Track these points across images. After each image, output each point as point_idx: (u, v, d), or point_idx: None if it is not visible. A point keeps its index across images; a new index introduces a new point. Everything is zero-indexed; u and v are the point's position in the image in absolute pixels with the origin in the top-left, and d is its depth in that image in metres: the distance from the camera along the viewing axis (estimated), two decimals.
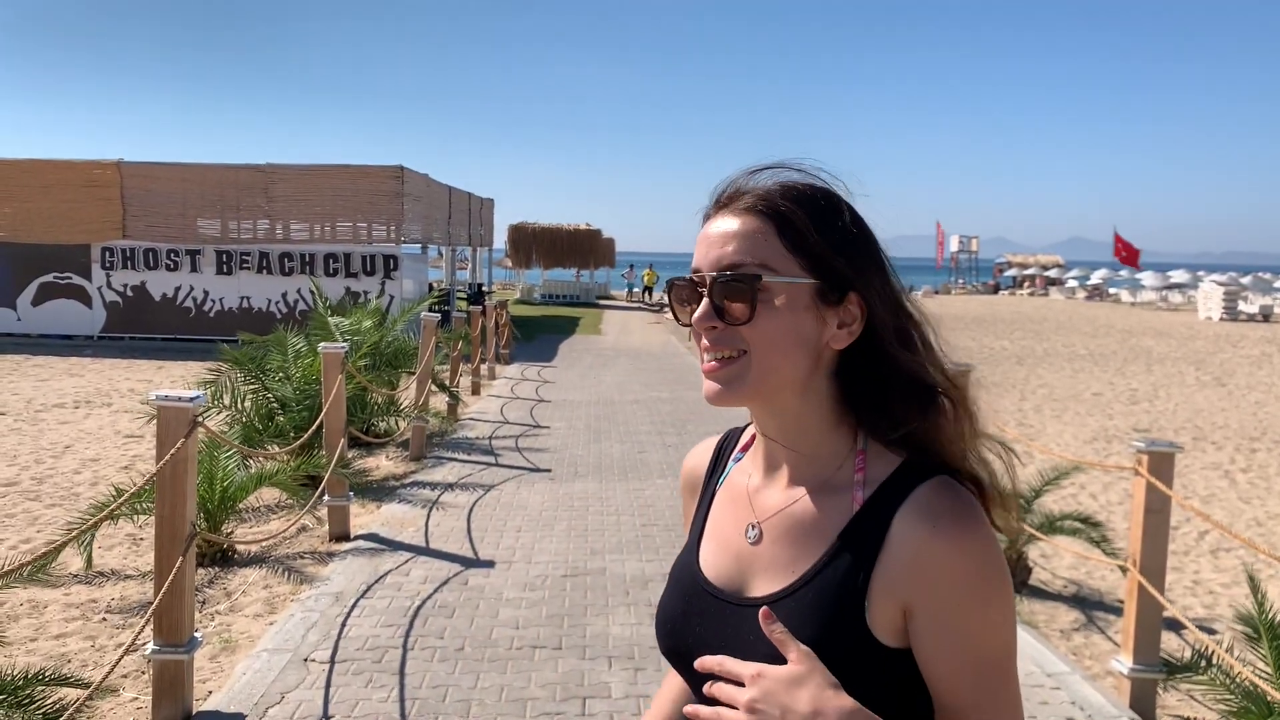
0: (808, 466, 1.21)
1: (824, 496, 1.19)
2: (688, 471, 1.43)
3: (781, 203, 1.18)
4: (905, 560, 1.10)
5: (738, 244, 1.17)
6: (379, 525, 7.19)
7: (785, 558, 1.18)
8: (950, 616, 1.09)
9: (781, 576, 1.17)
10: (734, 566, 1.23)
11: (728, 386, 1.17)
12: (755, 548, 1.22)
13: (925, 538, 1.10)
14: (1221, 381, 18.55)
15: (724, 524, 1.28)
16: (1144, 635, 4.46)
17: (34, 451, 9.80)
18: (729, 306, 1.15)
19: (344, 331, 10.44)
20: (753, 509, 1.25)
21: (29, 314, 21.36)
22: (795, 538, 1.19)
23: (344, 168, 21.21)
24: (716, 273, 1.16)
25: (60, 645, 5.07)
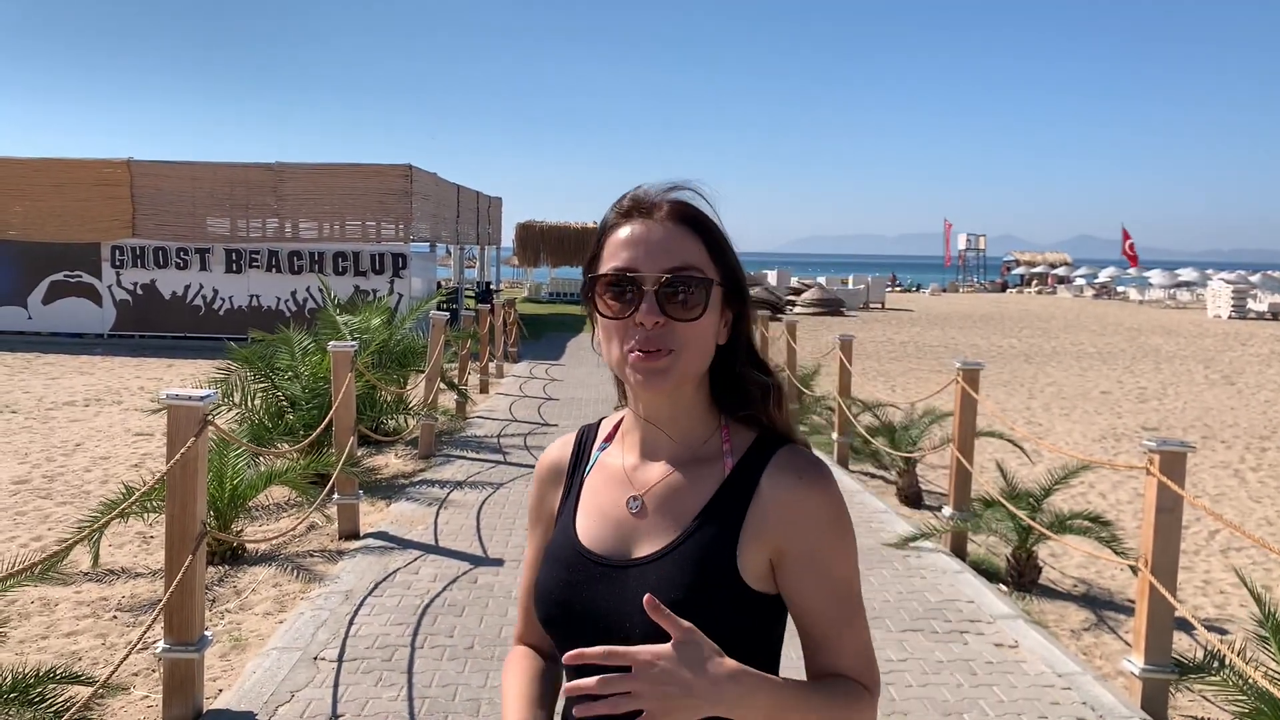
0: (682, 444, 1.40)
1: (697, 467, 1.39)
2: (550, 464, 1.55)
3: (704, 218, 1.38)
4: (775, 509, 1.33)
5: (683, 251, 1.34)
6: (388, 523, 7.20)
7: (666, 521, 1.36)
8: (816, 553, 1.32)
9: (664, 536, 1.35)
10: (615, 535, 1.39)
11: (664, 376, 1.32)
12: (637, 517, 1.38)
13: (792, 488, 1.33)
14: (1231, 380, 18.48)
15: (601, 501, 1.43)
16: (1155, 635, 4.45)
17: (45, 449, 9.84)
18: (681, 306, 1.31)
19: (353, 330, 10.45)
20: (632, 484, 1.41)
21: (39, 312, 21.43)
22: (674, 503, 1.37)
23: (353, 166, 21.24)
24: (673, 275, 1.31)
25: (71, 643, 5.09)
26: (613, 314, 1.34)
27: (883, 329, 29.92)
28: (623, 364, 1.34)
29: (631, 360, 1.32)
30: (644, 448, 1.43)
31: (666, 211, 1.36)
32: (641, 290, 1.31)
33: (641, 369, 1.32)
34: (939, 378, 17.41)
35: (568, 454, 1.53)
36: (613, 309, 1.34)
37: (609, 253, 1.36)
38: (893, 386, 16.63)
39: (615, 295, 1.33)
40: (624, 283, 1.33)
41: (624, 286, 1.33)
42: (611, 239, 1.37)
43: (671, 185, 1.40)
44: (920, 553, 6.67)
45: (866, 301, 41.43)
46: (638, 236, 1.34)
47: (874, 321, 33.22)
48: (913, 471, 8.71)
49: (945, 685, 4.58)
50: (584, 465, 1.50)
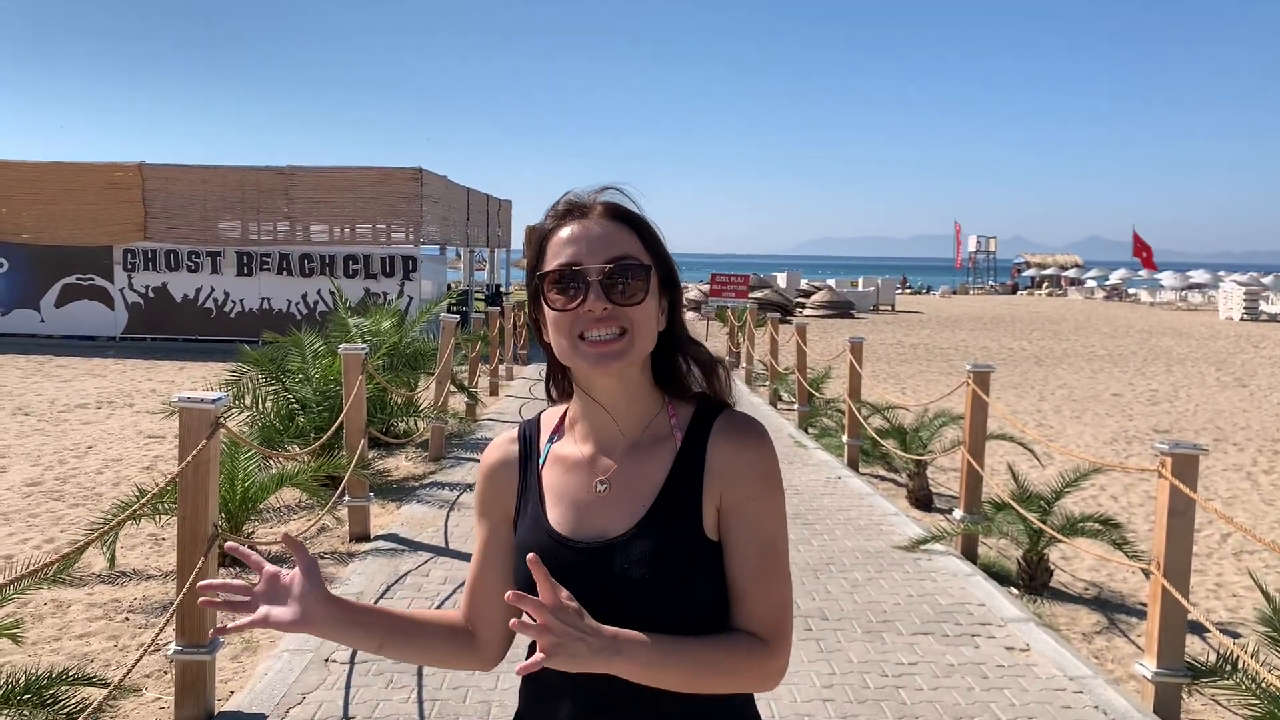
0: (634, 425, 1.52)
1: (651, 445, 1.51)
2: (498, 461, 1.62)
3: (634, 214, 1.51)
4: (721, 465, 1.47)
5: (621, 243, 1.46)
6: (399, 525, 7.21)
7: (634, 498, 1.48)
8: (750, 501, 1.46)
9: (634, 512, 1.47)
10: (588, 518, 1.49)
11: (620, 356, 1.43)
12: (605, 499, 1.49)
13: (735, 446, 1.48)
14: (1243, 382, 18.41)
15: (567, 489, 1.53)
16: (1168, 639, 4.43)
17: (57, 451, 9.88)
18: (625, 292, 1.43)
19: (364, 333, 10.48)
20: (595, 469, 1.52)
21: (52, 315, 21.52)
22: (637, 481, 1.49)
23: (363, 170, 21.28)
24: (614, 265, 1.43)
25: (84, 645, 5.11)
26: (561, 306, 1.44)
27: (893, 331, 29.87)
28: (573, 352, 1.45)
29: (585, 347, 1.43)
30: (598, 434, 1.53)
31: (601, 210, 1.49)
32: (587, 281, 1.43)
33: (597, 351, 1.43)
34: (949, 380, 17.38)
35: (515, 450, 1.62)
36: (561, 301, 1.45)
37: (552, 253, 1.47)
38: (903, 389, 16.61)
39: (561, 289, 1.44)
40: (569, 276, 1.43)
41: (570, 279, 1.44)
42: (553, 240, 1.48)
43: (601, 187, 1.53)
44: (931, 555, 6.66)
45: (876, 304, 41.40)
46: (577, 234, 1.46)
47: (884, 324, 33.18)
48: (923, 474, 8.69)
49: (956, 689, 4.57)
50: (535, 459, 1.59)
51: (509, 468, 1.60)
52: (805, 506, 7.95)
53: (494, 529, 1.61)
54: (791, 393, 13.91)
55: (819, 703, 4.39)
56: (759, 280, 35.20)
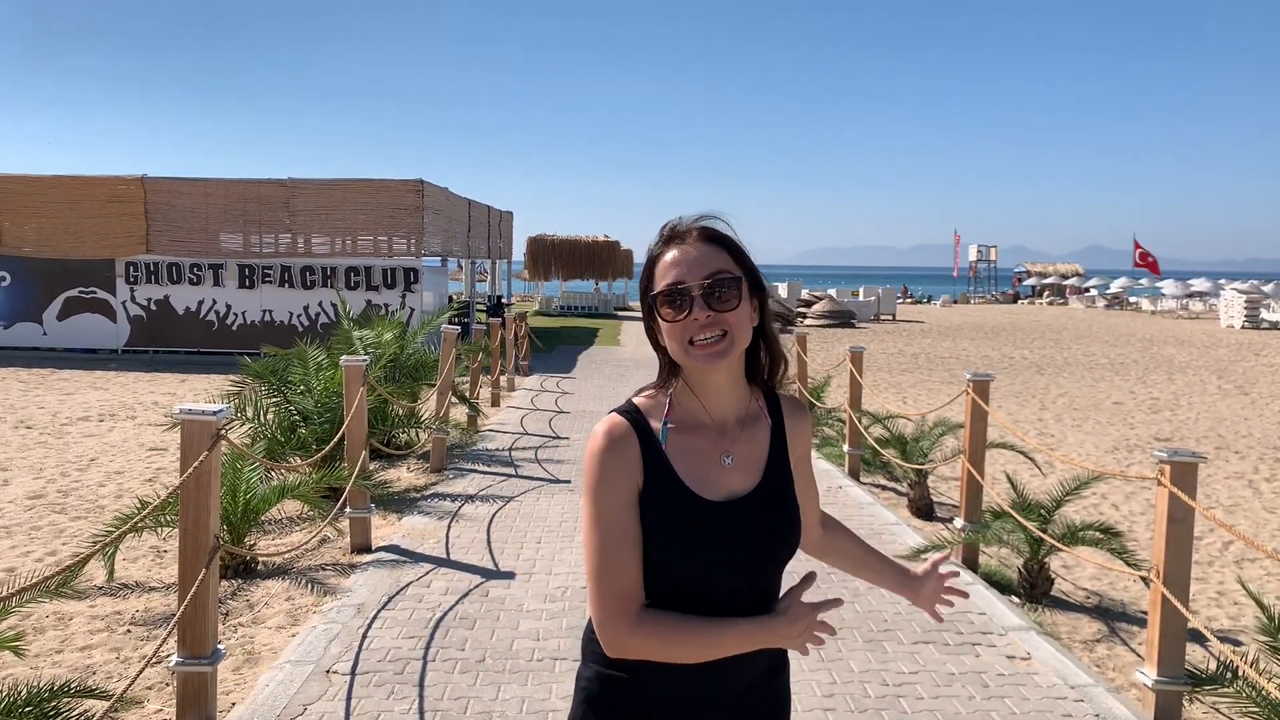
0: (739, 408, 1.89)
1: (752, 424, 1.91)
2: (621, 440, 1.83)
3: (725, 235, 1.83)
4: (795, 435, 1.96)
5: (715, 261, 1.78)
6: (400, 537, 7.22)
7: (751, 463, 1.88)
8: (808, 451, 2.03)
9: (755, 474, 1.87)
10: (721, 484, 1.84)
11: (724, 355, 1.77)
12: (732, 467, 1.85)
13: (801, 418, 1.98)
14: (1244, 390, 18.40)
15: (696, 462, 1.84)
16: (1168, 647, 4.43)
17: (59, 464, 9.90)
18: (723, 300, 1.75)
19: (367, 345, 10.50)
20: (716, 443, 1.86)
21: (54, 328, 21.56)
22: (751, 453, 1.89)
23: (365, 181, 21.33)
24: (711, 280, 1.75)
25: (85, 657, 5.12)
26: (672, 318, 1.77)
27: (894, 341, 29.87)
28: (685, 354, 1.78)
29: (694, 350, 1.76)
30: (713, 415, 1.87)
31: (697, 235, 1.80)
32: (691, 296, 1.75)
33: (705, 353, 1.76)
34: (950, 389, 17.38)
35: (630, 433, 1.84)
36: (671, 314, 1.77)
37: (659, 274, 1.80)
38: (904, 398, 16.61)
39: (671, 304, 1.77)
40: (676, 294, 1.76)
41: (677, 296, 1.76)
42: (660, 264, 1.80)
43: (698, 216, 1.84)
44: None
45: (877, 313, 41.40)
46: (679, 258, 1.78)
47: (885, 333, 33.18)
48: (924, 483, 8.69)
49: (957, 698, 4.57)
50: (652, 438, 1.84)
51: (631, 446, 1.82)
52: None
53: (626, 501, 1.81)
54: None
55: (820, 712, 4.39)
56: None
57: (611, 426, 1.84)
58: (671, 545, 1.78)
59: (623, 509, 1.80)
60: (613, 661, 1.84)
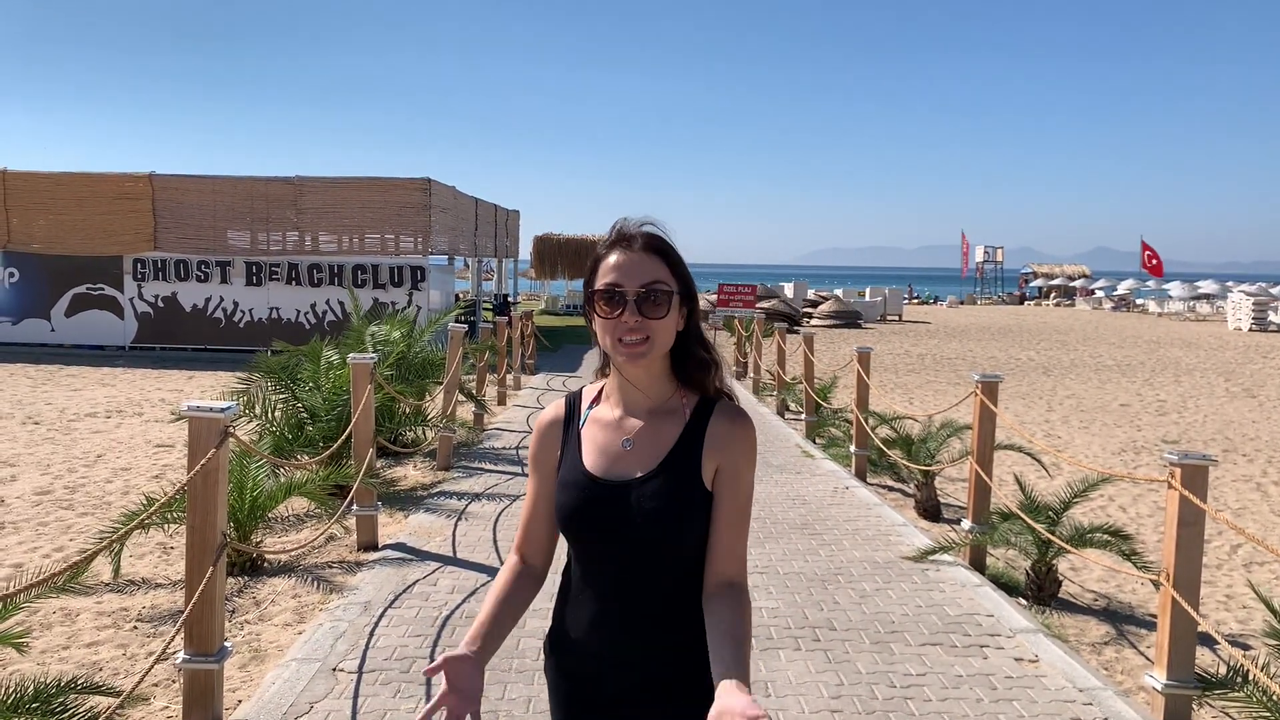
0: (655, 402, 2.00)
1: (665, 417, 1.99)
2: (550, 421, 2.10)
3: (666, 246, 1.96)
4: (720, 439, 1.95)
5: (652, 270, 1.92)
6: (406, 535, 7.21)
7: (651, 452, 1.96)
8: (738, 468, 1.95)
9: (651, 462, 1.95)
10: (615, 465, 1.97)
11: (643, 355, 1.91)
12: (629, 451, 1.97)
13: (730, 426, 1.96)
14: (1252, 393, 18.34)
15: (600, 443, 2.00)
16: (1178, 650, 4.41)
17: (67, 460, 9.91)
18: (653, 307, 1.90)
19: (378, 341, 10.50)
20: (623, 430, 2.00)
21: (62, 325, 21.61)
22: (654, 441, 1.97)
23: (372, 180, 21.34)
24: (646, 288, 1.90)
25: (92, 654, 5.12)
26: (606, 315, 1.92)
27: (900, 341, 29.83)
28: (614, 348, 1.92)
29: (620, 346, 1.91)
30: (627, 406, 2.02)
31: (641, 243, 1.94)
32: (625, 300, 1.89)
33: (627, 352, 1.91)
34: (957, 390, 17.35)
35: (562, 413, 2.10)
36: (605, 312, 1.92)
37: (602, 272, 1.94)
38: (910, 399, 16.58)
39: (607, 302, 1.92)
40: (613, 295, 1.91)
41: (613, 297, 1.91)
42: (604, 263, 1.94)
43: (644, 221, 1.99)
44: (939, 566, 6.64)
45: (884, 314, 41.36)
46: (620, 262, 1.92)
47: (891, 334, 33.14)
48: (931, 484, 8.68)
49: (965, 700, 4.56)
50: (577, 420, 2.07)
51: (556, 427, 2.08)
52: (813, 516, 7.93)
53: (544, 476, 2.07)
54: (799, 402, 13.90)
55: (827, 714, 4.38)
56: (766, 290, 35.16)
57: (547, 410, 2.15)
58: (562, 514, 1.99)
59: (541, 480, 2.07)
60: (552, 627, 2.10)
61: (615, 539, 1.92)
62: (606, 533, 1.93)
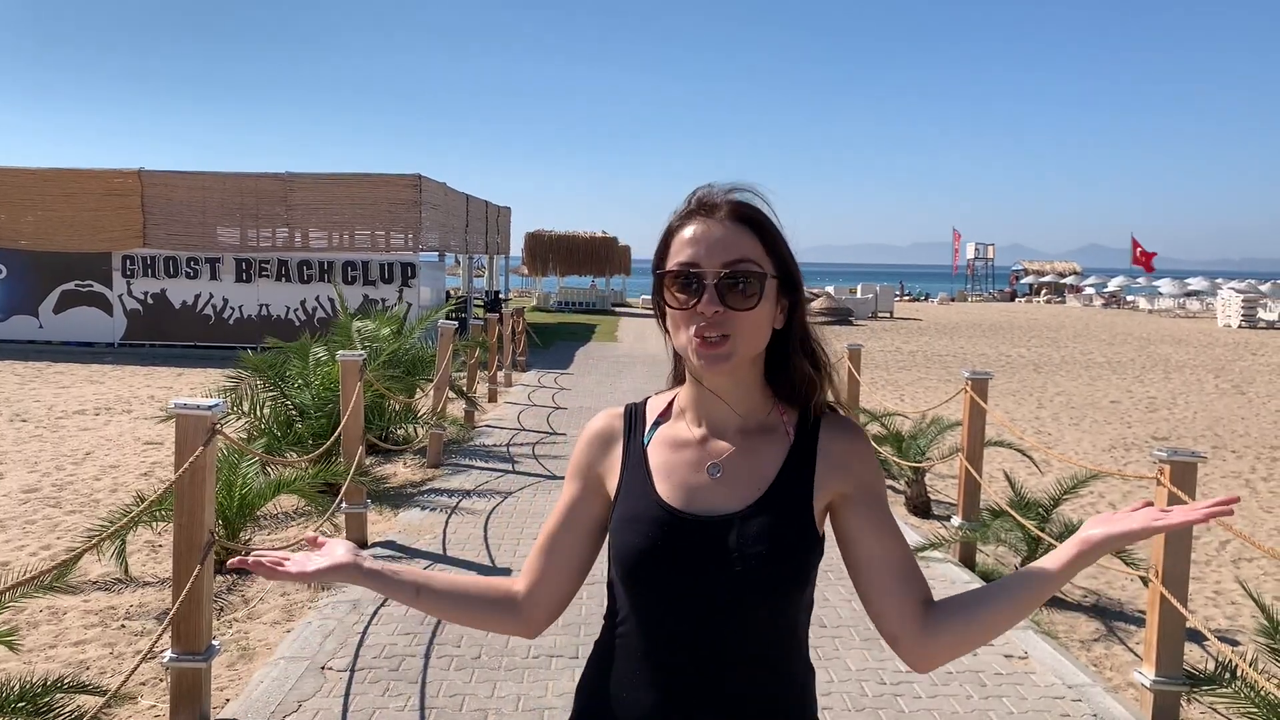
0: (746, 418, 1.58)
1: (762, 436, 1.58)
2: (601, 430, 1.68)
3: (760, 216, 1.54)
4: (836, 461, 1.56)
5: (741, 247, 1.50)
6: (396, 533, 7.20)
7: (748, 481, 1.54)
8: (872, 487, 1.57)
9: (748, 495, 1.53)
10: (700, 496, 1.54)
11: (724, 360, 1.49)
12: (717, 480, 1.55)
13: (848, 444, 1.58)
14: (1241, 389, 18.41)
15: (676, 469, 1.57)
16: (1166, 647, 4.42)
17: (55, 458, 9.87)
18: (739, 296, 1.48)
19: (366, 338, 10.47)
20: (706, 453, 1.57)
21: (51, 321, 21.52)
22: (750, 467, 1.55)
23: (362, 176, 21.29)
24: (730, 269, 1.48)
25: (79, 652, 5.09)
26: (679, 304, 1.50)
27: (891, 338, 29.87)
28: (688, 348, 1.50)
29: (695, 346, 1.49)
30: (710, 422, 1.59)
31: (726, 211, 1.52)
32: (704, 283, 1.48)
33: (704, 354, 1.48)
34: (948, 387, 17.38)
35: (619, 425, 1.67)
36: (679, 300, 1.50)
37: (675, 249, 1.52)
38: (901, 396, 16.60)
39: (681, 288, 1.50)
40: (688, 277, 1.49)
41: (689, 280, 1.49)
42: (678, 237, 1.53)
43: (732, 186, 1.55)
44: (929, 563, 6.65)
45: (875, 311, 41.42)
46: (700, 235, 1.50)
47: (882, 331, 33.18)
48: (921, 481, 8.68)
49: (954, 697, 4.56)
50: (639, 436, 1.64)
51: (609, 440, 1.66)
52: None
53: (584, 493, 1.66)
54: None
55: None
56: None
57: (600, 416, 1.70)
58: (629, 558, 1.53)
59: (578, 497, 1.65)
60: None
61: (703, 594, 1.49)
62: (693, 585, 1.49)
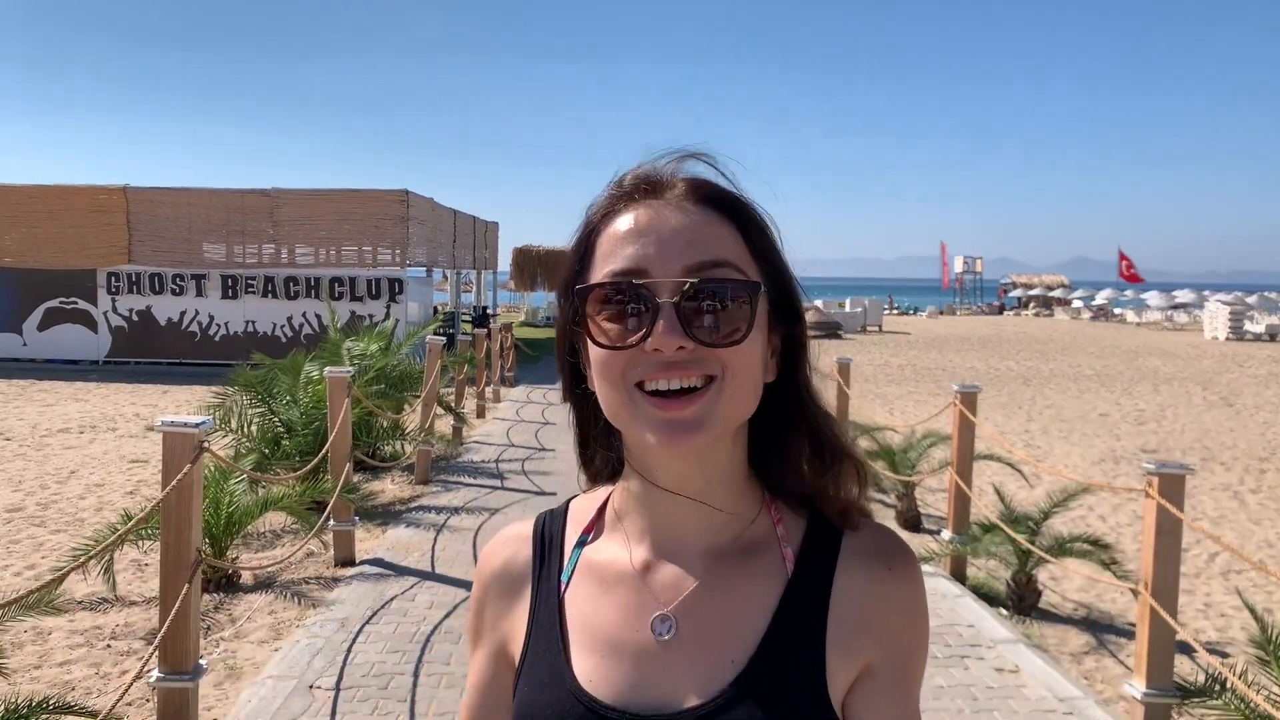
0: (721, 527, 0.97)
1: (744, 563, 0.97)
2: (498, 570, 1.06)
3: (738, 199, 0.96)
4: (864, 612, 0.95)
5: (710, 243, 0.91)
6: (384, 550, 7.16)
7: (719, 644, 0.94)
8: (905, 664, 0.96)
9: (720, 672, 0.92)
10: (640, 676, 0.94)
11: (697, 428, 0.88)
12: (669, 643, 0.94)
13: (882, 581, 0.96)
14: (1229, 401, 18.48)
15: (604, 625, 0.97)
16: (1157, 659, 4.42)
17: (39, 477, 9.79)
18: (714, 321, 0.88)
19: (354, 356, 10.45)
20: (653, 595, 0.96)
21: (35, 339, 21.40)
22: (723, 619, 0.95)
23: (349, 192, 21.27)
24: (700, 276, 0.88)
25: (65, 673, 5.04)
26: (612, 341, 0.90)
27: (880, 352, 29.94)
28: (629, 412, 0.90)
29: (646, 405, 0.89)
30: (658, 538, 0.99)
31: (684, 189, 0.94)
32: (655, 302, 0.88)
33: (665, 416, 0.88)
34: (937, 401, 17.40)
35: (525, 554, 1.06)
36: (612, 334, 0.90)
37: (605, 251, 0.93)
38: (891, 410, 16.62)
39: (615, 313, 0.90)
40: (627, 293, 0.89)
41: (628, 299, 0.89)
42: (607, 232, 0.94)
43: (685, 152, 0.98)
44: None
45: (864, 324, 41.52)
46: (646, 224, 0.91)
47: (871, 344, 33.25)
48: (911, 495, 8.68)
49: (946, 711, 4.54)
50: (554, 571, 1.03)
51: (517, 579, 1.05)
52: None
53: (494, 665, 1.05)
54: None
55: None
56: None
57: (496, 542, 1.09)
58: None
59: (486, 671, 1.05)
60: None
61: None
62: None
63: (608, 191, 0.97)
